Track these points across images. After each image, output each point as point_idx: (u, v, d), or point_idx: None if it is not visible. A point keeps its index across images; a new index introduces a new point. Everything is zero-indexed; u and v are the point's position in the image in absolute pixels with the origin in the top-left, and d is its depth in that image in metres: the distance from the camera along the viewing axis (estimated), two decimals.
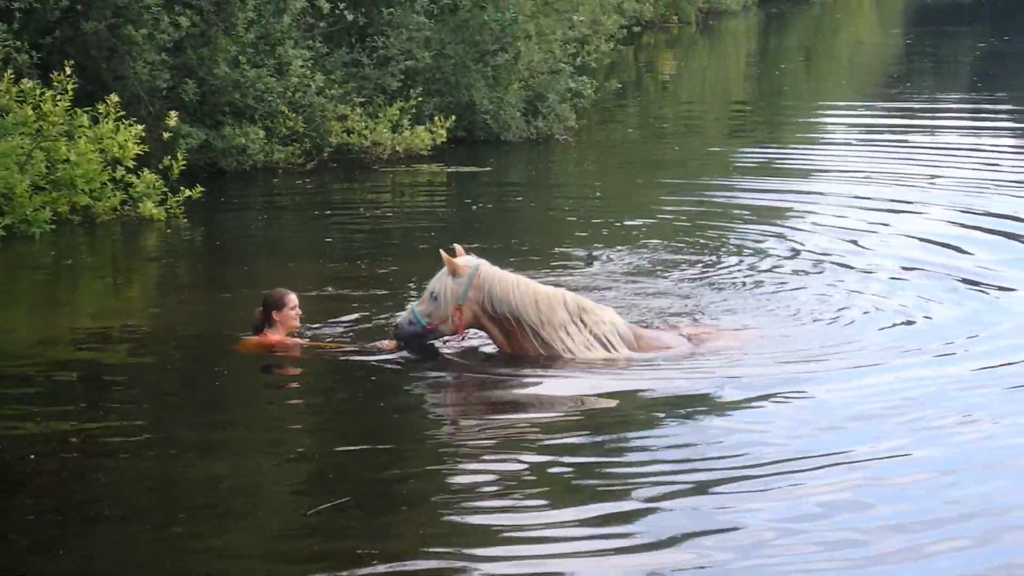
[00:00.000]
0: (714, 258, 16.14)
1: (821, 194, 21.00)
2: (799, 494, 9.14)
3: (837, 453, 9.85)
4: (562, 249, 16.62)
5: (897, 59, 44.91)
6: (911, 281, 15.12)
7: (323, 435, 10.96)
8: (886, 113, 31.05)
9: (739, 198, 20.33)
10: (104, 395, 11.72)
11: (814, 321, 13.50)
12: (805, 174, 23.02)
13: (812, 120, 30.83)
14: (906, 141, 26.55)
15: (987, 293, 14.48)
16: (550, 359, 11.85)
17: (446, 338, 12.23)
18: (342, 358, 12.25)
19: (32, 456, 10.11)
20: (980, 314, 13.69)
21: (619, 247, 16.56)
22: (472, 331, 12.30)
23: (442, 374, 12.14)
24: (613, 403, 11.23)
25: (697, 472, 9.48)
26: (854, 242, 17.16)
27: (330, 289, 14.90)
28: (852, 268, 15.68)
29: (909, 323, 13.40)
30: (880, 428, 10.44)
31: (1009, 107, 31.64)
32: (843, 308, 13.91)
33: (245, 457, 10.30)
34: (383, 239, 17.68)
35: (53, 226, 17.27)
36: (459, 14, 24.37)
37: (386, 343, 12.25)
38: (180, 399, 11.70)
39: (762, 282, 15.05)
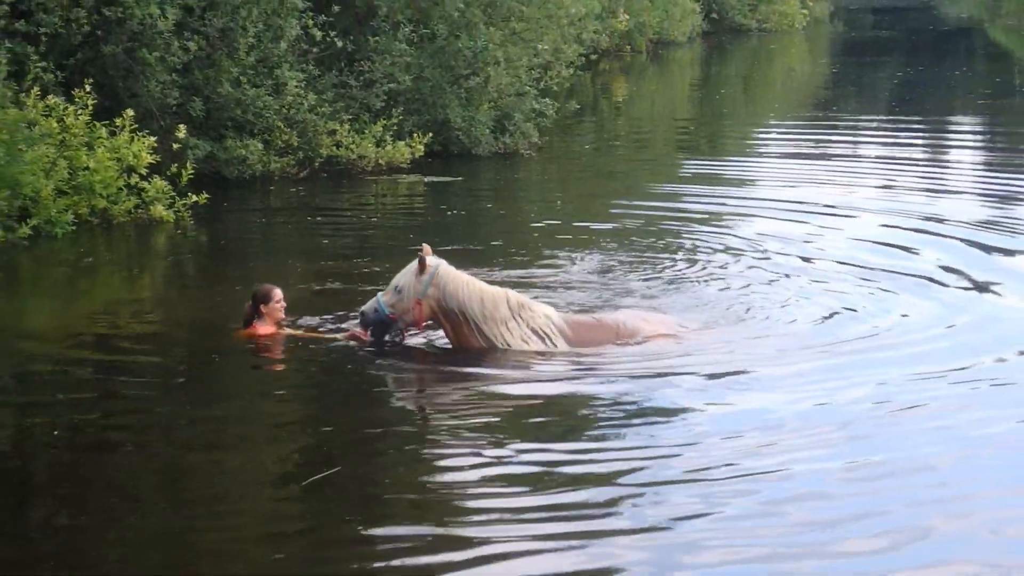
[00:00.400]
0: (663, 257, 16.21)
1: (758, 200, 21.13)
2: (751, 482, 9.02)
3: (781, 440, 9.75)
4: (526, 249, 16.68)
5: (825, 85, 45.04)
6: (855, 279, 15.00)
7: (311, 419, 11.00)
8: (814, 131, 31.14)
9: (683, 204, 20.37)
10: (116, 379, 11.76)
11: (763, 318, 13.37)
12: (742, 183, 23.18)
13: (748, 137, 30.90)
14: (832, 155, 26.73)
15: (935, 292, 14.36)
16: (518, 354, 11.89)
17: (409, 330, 12.31)
18: (326, 350, 12.29)
19: (55, 432, 10.21)
20: (934, 312, 13.54)
21: (578, 248, 16.61)
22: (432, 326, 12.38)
23: (419, 366, 12.17)
24: (577, 397, 11.14)
25: (655, 461, 9.42)
26: (793, 243, 17.18)
27: (319, 284, 14.97)
28: (796, 267, 15.65)
29: (856, 319, 13.25)
30: (828, 417, 10.33)
31: (922, 127, 31.80)
32: (789, 306, 13.80)
33: (243, 439, 10.37)
34: (367, 241, 17.68)
35: (74, 227, 17.27)
36: (436, 42, 24.38)
37: (359, 331, 12.31)
38: (183, 384, 11.70)
39: (711, 279, 15.02)
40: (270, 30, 21.08)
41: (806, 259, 16.07)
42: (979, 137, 30.80)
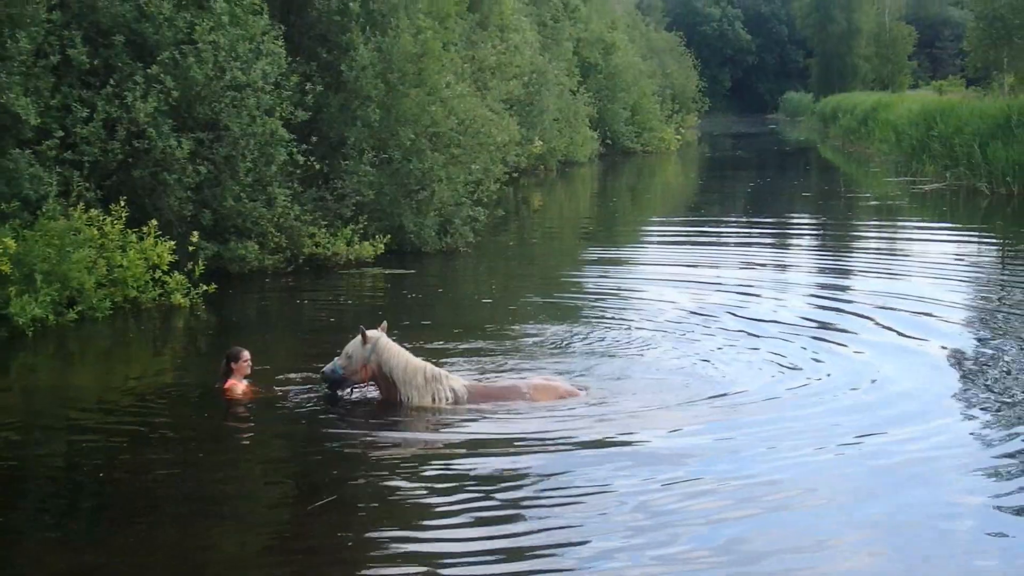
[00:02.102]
0: (574, 324, 16.37)
1: (646, 277, 21.54)
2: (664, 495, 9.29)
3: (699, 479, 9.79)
4: (466, 325, 16.75)
5: (695, 192, 45.56)
6: (742, 340, 15.16)
7: (293, 458, 11.06)
8: (687, 226, 31.49)
9: (588, 283, 20.76)
10: (144, 427, 11.76)
11: (677, 369, 13.48)
12: (633, 265, 23.59)
13: (637, 231, 31.28)
14: (701, 244, 27.03)
15: (805, 350, 14.47)
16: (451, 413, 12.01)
17: (356, 386, 12.47)
18: (297, 405, 12.28)
19: (100, 475, 10.22)
20: (808, 368, 13.60)
21: (508, 321, 16.79)
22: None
23: (383, 419, 12.09)
24: (514, 442, 11.05)
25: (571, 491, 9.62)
26: (678, 310, 17.43)
27: (304, 349, 15.13)
28: (685, 331, 15.78)
29: (748, 376, 13.23)
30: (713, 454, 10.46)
31: (770, 222, 32.29)
32: (680, 361, 13.94)
33: (246, 477, 10.42)
34: (339, 319, 17.67)
35: (111, 312, 17.28)
36: (393, 164, 24.55)
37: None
38: (195, 433, 11.71)
39: (613, 342, 15.12)
40: (263, 156, 21.17)
41: (694, 324, 16.24)
42: (812, 227, 31.36)
